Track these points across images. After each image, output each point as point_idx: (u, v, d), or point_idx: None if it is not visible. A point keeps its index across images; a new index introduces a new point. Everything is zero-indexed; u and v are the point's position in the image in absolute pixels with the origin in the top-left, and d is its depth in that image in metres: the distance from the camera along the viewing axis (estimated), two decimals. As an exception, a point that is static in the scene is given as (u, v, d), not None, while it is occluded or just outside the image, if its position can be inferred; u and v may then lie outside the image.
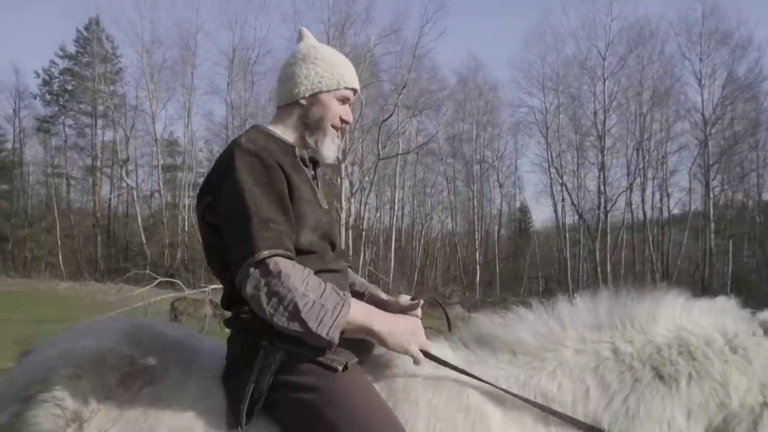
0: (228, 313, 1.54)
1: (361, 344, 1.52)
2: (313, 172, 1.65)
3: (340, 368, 1.39)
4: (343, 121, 1.64)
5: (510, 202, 40.90)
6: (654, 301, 1.60)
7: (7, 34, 57.63)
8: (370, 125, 28.57)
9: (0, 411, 1.45)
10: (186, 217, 29.86)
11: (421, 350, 1.45)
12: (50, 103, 34.82)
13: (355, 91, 1.67)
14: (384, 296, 1.72)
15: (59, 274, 26.97)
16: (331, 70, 1.60)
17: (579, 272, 33.95)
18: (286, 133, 1.61)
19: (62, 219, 31.87)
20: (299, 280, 1.31)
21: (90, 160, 34.92)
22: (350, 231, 27.42)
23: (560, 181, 33.34)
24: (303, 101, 1.60)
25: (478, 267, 33.25)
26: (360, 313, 1.38)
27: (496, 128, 37.11)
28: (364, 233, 29.24)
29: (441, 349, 1.56)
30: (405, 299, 1.66)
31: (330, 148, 1.62)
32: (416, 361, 1.43)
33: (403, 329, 1.43)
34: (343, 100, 1.64)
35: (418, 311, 1.62)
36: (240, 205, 1.37)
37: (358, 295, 1.71)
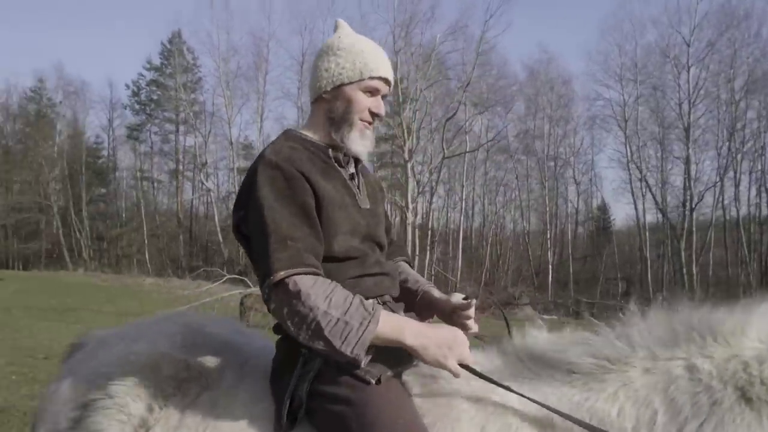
0: None
1: (403, 353, 1.43)
2: (353, 171, 1.57)
3: (373, 381, 1.34)
4: (373, 114, 1.52)
5: (587, 200, 39.19)
6: (746, 309, 1.33)
7: (103, 52, 63.28)
8: (436, 124, 28.38)
9: (58, 416, 1.46)
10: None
11: (461, 364, 1.34)
12: (138, 113, 38.01)
13: (385, 80, 1.53)
14: (437, 294, 1.64)
15: (146, 271, 29.12)
16: (353, 59, 1.49)
17: (662, 274, 31.84)
18: (316, 132, 1.53)
19: (149, 220, 34.53)
20: (321, 297, 1.28)
21: (173, 165, 37.51)
22: (417, 230, 27.36)
23: (639, 176, 31.42)
24: (326, 96, 1.51)
25: (550, 267, 32.06)
26: (390, 326, 1.32)
27: (571, 123, 35.65)
28: (430, 232, 29.07)
29: (491, 360, 1.46)
30: (457, 298, 1.57)
31: (358, 143, 1.51)
32: (455, 376, 1.35)
33: (440, 342, 1.32)
34: (372, 92, 1.52)
35: (471, 311, 1.54)
36: (260, 222, 1.35)
37: (410, 292, 1.66)
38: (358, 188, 1.55)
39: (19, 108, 36.84)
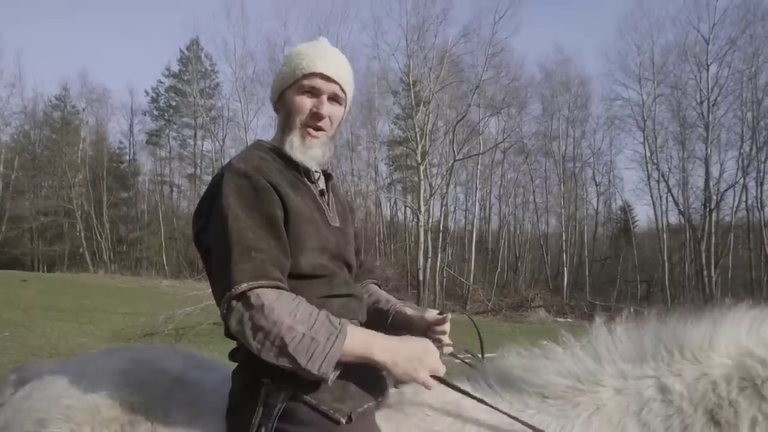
0: None
1: (375, 385, 1.40)
2: (322, 187, 1.52)
3: (344, 420, 1.26)
4: (315, 115, 1.43)
5: (607, 202, 38.60)
6: (713, 320, 1.29)
7: (124, 60, 65.32)
8: (449, 126, 28.39)
9: None
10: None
11: (433, 376, 1.29)
12: (157, 119, 38.92)
13: (324, 77, 1.43)
14: (410, 311, 1.60)
15: (163, 273, 29.76)
16: (290, 63, 1.45)
17: (683, 277, 31.21)
18: (282, 142, 1.47)
19: (167, 223, 35.29)
20: (285, 312, 1.21)
21: (192, 169, 38.26)
22: (429, 233, 27.35)
23: (658, 177, 30.90)
24: (278, 105, 1.49)
25: (565, 269, 31.69)
26: (358, 342, 1.25)
27: (589, 124, 35.25)
28: (440, 234, 29.02)
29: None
30: (432, 314, 1.55)
31: (297, 149, 1.43)
32: (426, 387, 1.30)
33: (410, 354, 1.27)
34: (312, 91, 1.43)
35: (446, 326, 1.53)
36: (223, 232, 1.27)
37: (382, 312, 1.62)
38: (328, 205, 1.49)
39: (45, 115, 38.16)
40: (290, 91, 1.44)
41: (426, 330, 1.54)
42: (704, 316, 1.30)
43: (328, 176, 1.56)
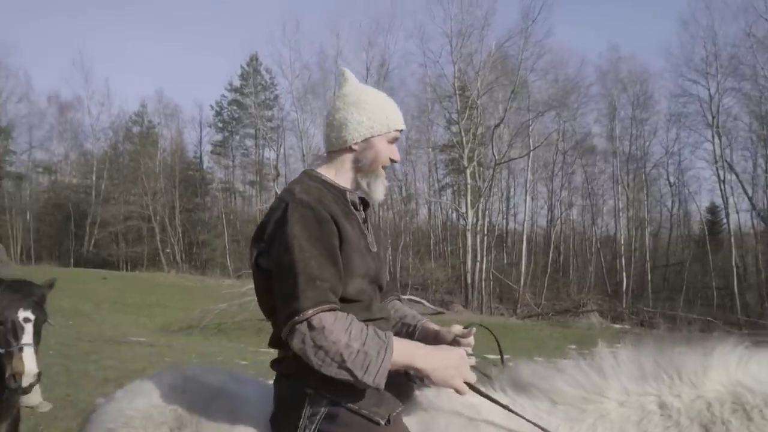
0: None
1: (402, 390, 1.58)
2: (363, 215, 1.68)
3: (383, 422, 1.42)
4: (391, 160, 1.69)
5: (683, 203, 36.42)
6: (704, 352, 1.50)
7: (192, 78, 70.88)
8: (496, 129, 28.25)
9: None
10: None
11: (466, 383, 1.47)
12: (222, 130, 41.84)
13: (401, 131, 1.71)
14: (435, 327, 1.77)
15: (227, 273, 31.88)
16: (381, 114, 1.65)
17: (762, 284, 28.93)
18: (339, 177, 1.65)
19: (231, 226, 37.84)
20: (342, 331, 1.37)
21: (253, 176, 40.64)
22: (477, 236, 27.36)
23: (722, 177, 28.87)
24: (355, 146, 1.64)
25: (624, 274, 30.40)
26: (402, 353, 1.42)
27: (653, 123, 33.58)
28: (485, 237, 28.81)
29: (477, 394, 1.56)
30: (457, 328, 1.72)
31: (380, 190, 1.66)
32: (460, 393, 1.46)
33: (447, 363, 1.44)
34: (392, 141, 1.68)
35: (470, 339, 1.69)
36: (289, 261, 1.42)
37: (409, 327, 1.79)
38: (368, 231, 1.66)
39: (127, 130, 42.37)
40: (379, 140, 1.65)
41: (452, 343, 1.70)
42: (696, 346, 1.51)
43: (366, 204, 1.71)
